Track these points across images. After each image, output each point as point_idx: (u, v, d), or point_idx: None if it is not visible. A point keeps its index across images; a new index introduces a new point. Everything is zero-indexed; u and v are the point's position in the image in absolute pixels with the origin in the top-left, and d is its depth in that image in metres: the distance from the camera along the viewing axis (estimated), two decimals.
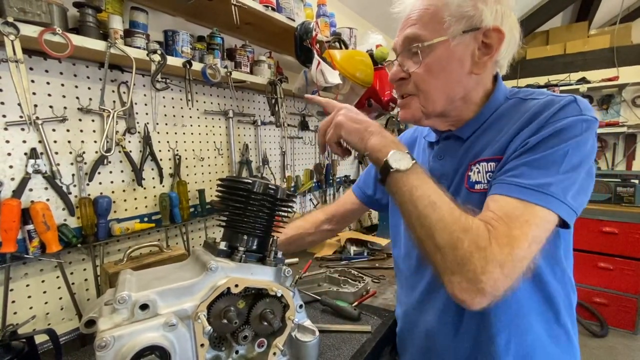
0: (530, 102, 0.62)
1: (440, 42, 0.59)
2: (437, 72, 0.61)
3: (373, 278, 1.24)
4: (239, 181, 0.65)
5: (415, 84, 0.63)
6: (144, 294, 0.52)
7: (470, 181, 0.63)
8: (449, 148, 0.69)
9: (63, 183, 0.91)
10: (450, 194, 0.64)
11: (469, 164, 0.64)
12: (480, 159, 0.62)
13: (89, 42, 0.82)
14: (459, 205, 0.53)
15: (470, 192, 0.62)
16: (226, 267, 0.60)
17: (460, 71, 0.61)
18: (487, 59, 0.61)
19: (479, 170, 0.62)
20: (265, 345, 0.64)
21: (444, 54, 0.60)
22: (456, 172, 0.66)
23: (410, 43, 0.62)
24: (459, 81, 0.62)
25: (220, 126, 1.37)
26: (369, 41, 2.01)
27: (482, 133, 0.65)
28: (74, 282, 0.94)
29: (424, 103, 0.64)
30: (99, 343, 0.45)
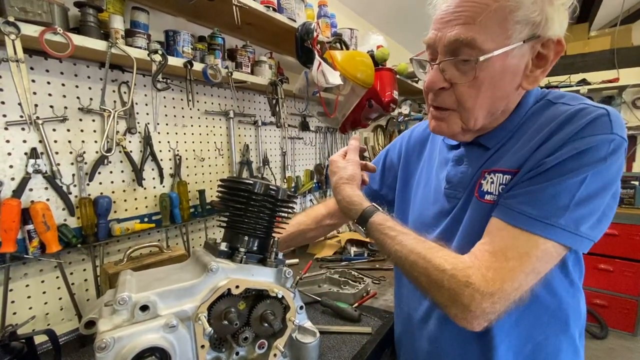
0: (560, 107, 0.55)
1: (500, 54, 0.49)
2: (487, 89, 0.52)
3: (373, 279, 1.23)
4: (240, 182, 0.65)
5: (458, 98, 0.54)
6: (144, 295, 0.52)
7: (481, 190, 0.58)
8: (471, 155, 0.63)
9: (63, 183, 0.91)
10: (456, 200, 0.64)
11: (483, 171, 0.59)
12: (496, 169, 0.57)
13: (89, 42, 0.82)
14: (431, 245, 0.55)
15: (479, 201, 0.58)
16: (227, 268, 0.60)
17: (510, 86, 0.54)
18: (539, 72, 0.53)
19: (492, 180, 0.57)
20: (266, 346, 0.63)
21: (499, 69, 0.51)
22: (471, 180, 0.62)
23: (461, 47, 0.51)
24: (506, 96, 0.55)
25: (221, 126, 1.37)
26: (369, 42, 2.01)
27: (508, 141, 0.59)
28: (73, 283, 0.94)
29: (465, 120, 0.56)
30: (98, 344, 0.45)
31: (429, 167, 0.74)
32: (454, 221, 0.63)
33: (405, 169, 0.81)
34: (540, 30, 0.50)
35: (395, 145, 0.87)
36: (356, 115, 1.78)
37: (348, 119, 1.73)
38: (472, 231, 0.59)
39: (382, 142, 2.64)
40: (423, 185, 0.74)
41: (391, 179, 0.86)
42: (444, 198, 0.67)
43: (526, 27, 0.49)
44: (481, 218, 0.57)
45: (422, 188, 0.74)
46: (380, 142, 2.63)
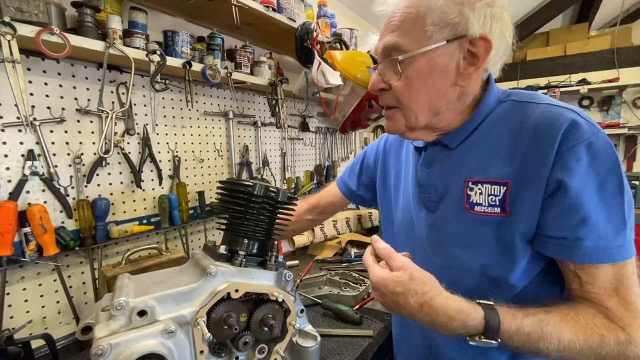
0: (528, 107, 0.56)
1: (421, 53, 0.54)
2: (418, 86, 0.56)
3: None
4: (240, 184, 0.64)
5: (396, 97, 0.59)
6: (142, 300, 0.51)
7: (471, 201, 0.58)
8: (438, 156, 0.65)
9: (61, 185, 0.90)
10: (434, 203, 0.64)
11: (466, 180, 0.59)
12: (482, 180, 0.57)
13: (87, 42, 0.81)
14: (574, 324, 0.50)
15: (470, 212, 0.59)
16: (226, 272, 0.59)
17: (444, 83, 0.56)
18: (472, 70, 0.56)
19: (480, 191, 0.57)
20: (266, 351, 0.62)
21: (425, 66, 0.55)
22: (446, 185, 0.62)
23: (390, 52, 0.57)
24: (443, 94, 0.57)
25: (220, 127, 1.36)
26: (369, 42, 2.00)
27: (474, 143, 0.60)
28: (71, 286, 0.93)
29: (407, 117, 0.59)
30: (95, 351, 0.44)
31: (406, 169, 0.74)
32: (439, 229, 0.63)
33: (383, 171, 0.82)
34: (461, 30, 0.53)
35: (373, 148, 0.89)
36: (356, 116, 1.77)
37: (348, 119, 1.72)
38: (461, 240, 0.60)
39: None
40: (402, 189, 0.75)
41: (368, 180, 0.89)
42: (421, 202, 0.67)
43: (445, 28, 0.53)
44: (473, 229, 0.58)
45: (402, 192, 0.75)
46: None
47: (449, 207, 0.62)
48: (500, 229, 0.55)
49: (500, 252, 0.56)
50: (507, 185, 0.54)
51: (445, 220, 0.62)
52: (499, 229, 0.55)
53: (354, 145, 2.32)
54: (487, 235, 0.56)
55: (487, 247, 0.57)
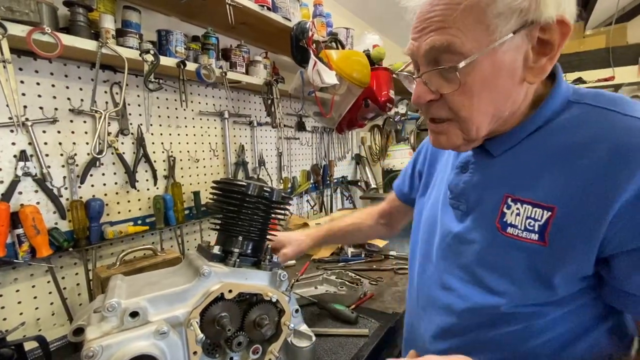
0: (607, 116, 0.45)
1: (483, 54, 0.43)
2: (481, 93, 0.46)
3: (371, 280, 1.22)
4: (234, 183, 0.64)
5: (451, 108, 0.48)
6: (134, 301, 0.50)
7: (504, 220, 0.49)
8: (478, 161, 0.55)
9: (54, 186, 0.89)
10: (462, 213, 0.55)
11: (506, 195, 0.50)
12: (524, 199, 0.48)
13: (79, 41, 0.80)
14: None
15: (500, 233, 0.50)
16: (220, 272, 0.58)
17: (510, 83, 0.46)
18: (545, 61, 0.45)
19: (518, 211, 0.48)
20: (260, 351, 0.62)
21: (489, 68, 0.44)
22: (481, 196, 0.53)
23: (439, 55, 0.45)
24: (508, 96, 0.47)
25: (216, 127, 1.35)
26: (365, 41, 2.01)
27: (525, 152, 0.50)
28: (65, 287, 0.92)
29: (465, 130, 0.49)
30: (85, 353, 0.44)
31: (444, 169, 0.66)
32: (462, 242, 0.55)
33: (428, 170, 0.75)
34: (532, 15, 0.42)
35: (422, 147, 0.82)
36: (352, 115, 1.77)
37: (344, 118, 1.72)
38: (487, 261, 0.52)
39: (379, 141, 2.63)
40: (435, 189, 0.68)
41: (418, 182, 0.80)
42: (448, 208, 0.60)
43: (512, 16, 0.42)
44: (502, 252, 0.49)
45: (434, 192, 0.68)
46: (377, 142, 2.63)
47: (478, 221, 0.53)
48: (534, 259, 0.46)
49: (532, 284, 0.47)
50: (553, 212, 0.44)
51: (472, 235, 0.53)
52: (533, 258, 0.46)
53: (351, 144, 2.33)
54: (519, 262, 0.47)
55: (516, 276, 0.48)
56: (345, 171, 2.30)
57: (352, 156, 2.37)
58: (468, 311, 0.53)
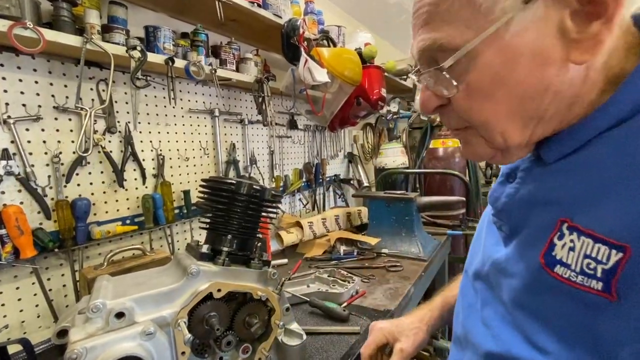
0: None
1: (481, 43, 0.33)
2: (492, 92, 0.35)
3: (362, 278, 1.23)
4: (222, 182, 0.63)
5: (462, 115, 0.39)
6: (120, 302, 0.49)
7: (552, 255, 0.36)
8: (527, 169, 0.42)
9: (38, 185, 0.87)
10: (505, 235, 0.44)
11: (561, 220, 0.36)
12: (585, 229, 0.33)
13: (63, 37, 0.78)
14: None
15: (545, 271, 0.36)
16: (208, 271, 0.58)
17: (541, 71, 0.33)
18: (599, 26, 0.31)
19: (572, 245, 0.34)
20: (250, 351, 0.62)
21: (497, 60, 0.34)
22: (526, 215, 0.40)
23: (433, 55, 0.37)
24: (543, 88, 0.34)
25: (206, 125, 1.34)
26: (357, 39, 2.00)
27: (590, 159, 0.35)
28: (51, 289, 0.90)
29: (488, 138, 0.39)
30: (69, 355, 0.43)
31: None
32: (501, 271, 0.43)
33: None
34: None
35: None
36: (345, 113, 1.77)
37: (337, 116, 1.71)
38: (526, 305, 0.39)
39: (372, 140, 2.64)
40: (485, 215, 0.56)
41: None
42: (492, 227, 0.48)
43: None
44: (547, 298, 0.36)
45: (483, 214, 0.57)
46: (369, 140, 2.63)
47: (520, 250, 0.40)
48: (595, 316, 0.32)
49: (587, 350, 0.33)
50: (626, 253, 0.30)
51: (512, 267, 0.41)
52: (592, 315, 0.33)
53: (343, 143, 2.33)
54: (570, 316, 0.34)
55: (565, 333, 0.35)
56: (338, 169, 2.30)
57: (344, 154, 2.37)
58: (500, 358, 0.41)
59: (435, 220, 1.93)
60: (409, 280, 1.19)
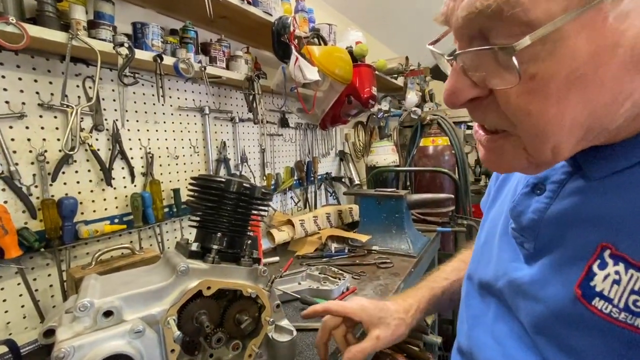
0: None
1: (573, 21, 0.24)
2: (564, 92, 0.27)
3: (353, 274, 1.24)
4: (212, 179, 0.63)
5: (508, 114, 0.30)
6: (108, 300, 0.49)
7: (590, 285, 0.31)
8: (563, 182, 0.36)
9: (23, 184, 0.86)
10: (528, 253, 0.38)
11: (602, 245, 0.31)
12: (633, 261, 0.29)
13: (47, 33, 0.77)
14: None
15: (581, 303, 0.31)
16: (198, 269, 0.58)
17: (636, 70, 0.26)
18: None
19: (618, 278, 0.30)
20: (240, 347, 0.62)
21: (585, 47, 0.25)
22: (562, 235, 0.35)
23: (489, 24, 0.27)
24: (625, 95, 0.27)
25: (196, 123, 1.33)
26: (349, 38, 2.01)
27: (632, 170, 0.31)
28: (37, 289, 0.89)
29: (532, 149, 0.31)
30: (56, 355, 0.42)
31: (517, 179, 0.46)
32: (521, 293, 0.38)
33: (504, 177, 0.54)
34: None
35: None
36: (336, 112, 1.77)
37: (328, 115, 1.72)
38: (554, 335, 0.34)
39: (363, 138, 2.65)
40: (499, 204, 0.50)
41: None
42: (509, 239, 0.42)
43: None
44: (582, 333, 0.32)
45: (497, 206, 0.50)
46: (361, 139, 2.64)
47: (550, 274, 0.35)
48: (637, 356, 0.29)
49: None
50: None
51: (538, 291, 0.35)
52: (635, 355, 0.29)
53: (335, 141, 2.33)
54: (608, 353, 0.30)
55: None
56: (329, 167, 2.31)
57: (336, 153, 2.38)
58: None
59: (425, 217, 1.96)
60: (399, 277, 1.21)
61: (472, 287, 0.50)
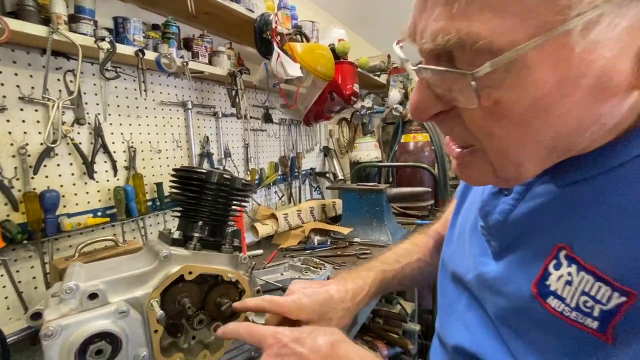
0: None
1: (537, 49, 0.23)
2: (525, 118, 0.27)
3: (334, 265, 1.29)
4: (192, 170, 0.66)
5: (474, 132, 0.30)
6: (92, 284, 0.52)
7: (546, 284, 0.33)
8: (530, 184, 0.37)
9: (4, 177, 0.86)
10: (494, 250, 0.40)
11: (558, 246, 0.32)
12: (586, 265, 0.30)
13: (28, 27, 0.78)
14: None
15: (537, 301, 0.33)
16: (180, 255, 0.61)
17: (599, 100, 0.26)
18: None
19: (570, 279, 0.31)
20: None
21: (549, 77, 0.25)
22: (523, 235, 0.37)
23: (451, 53, 0.27)
24: (591, 121, 0.27)
25: (179, 117, 1.34)
26: (331, 35, 2.04)
27: (606, 189, 0.31)
28: (20, 281, 0.90)
29: (499, 167, 0.31)
30: (44, 332, 0.45)
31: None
32: (486, 287, 0.40)
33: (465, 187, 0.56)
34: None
35: None
36: (319, 108, 1.81)
37: (311, 111, 1.76)
38: (515, 328, 0.36)
39: (347, 134, 2.70)
40: (469, 200, 0.51)
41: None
42: (478, 235, 0.44)
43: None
44: (538, 328, 0.33)
45: (468, 202, 0.52)
46: (344, 135, 2.69)
47: (512, 272, 0.37)
48: (585, 352, 0.30)
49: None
50: (630, 298, 0.27)
51: (502, 287, 0.38)
52: (583, 351, 0.30)
53: (319, 137, 2.37)
54: (559, 347, 0.32)
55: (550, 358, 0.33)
56: (314, 163, 2.35)
57: (320, 148, 2.42)
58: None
59: (406, 211, 2.03)
60: None
61: (445, 274, 0.52)
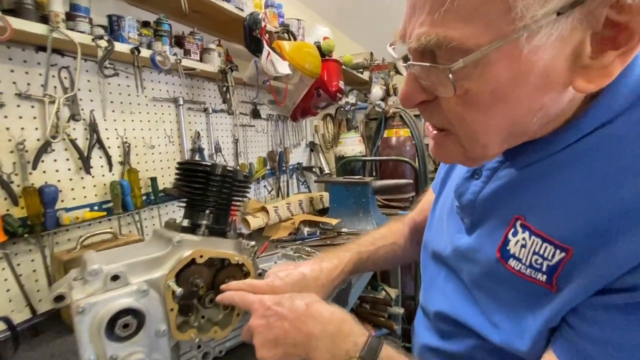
0: None
1: (496, 51, 0.30)
2: (489, 106, 0.34)
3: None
4: (198, 163, 0.72)
5: (448, 118, 0.38)
6: (115, 266, 0.57)
7: (507, 249, 0.41)
8: (494, 168, 0.46)
9: (3, 172, 0.87)
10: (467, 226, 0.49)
11: (515, 216, 0.41)
12: (535, 230, 0.38)
13: (29, 25, 0.79)
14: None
15: (501, 264, 0.42)
16: (191, 241, 0.66)
17: (541, 93, 0.33)
18: (613, 58, 0.30)
19: (524, 242, 0.39)
20: (230, 307, 0.72)
21: (506, 73, 0.31)
22: (488, 211, 0.45)
23: (433, 49, 0.33)
24: (538, 108, 0.34)
25: (170, 113, 1.37)
26: (316, 33, 2.10)
27: (555, 168, 0.39)
28: (21, 274, 0.92)
29: (467, 147, 0.39)
30: (76, 309, 0.50)
31: (460, 171, 0.55)
32: (461, 258, 0.49)
33: (447, 171, 0.63)
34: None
35: None
36: (306, 104, 1.87)
37: (298, 107, 1.81)
38: (485, 288, 0.45)
39: (332, 130, 2.77)
40: (448, 186, 0.59)
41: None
42: (455, 215, 0.52)
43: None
44: (504, 287, 0.42)
45: (447, 189, 0.60)
46: (329, 130, 2.76)
47: (481, 243, 0.45)
48: (542, 302, 0.38)
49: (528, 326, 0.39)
50: (568, 254, 0.35)
51: (473, 256, 0.46)
52: (540, 301, 0.38)
53: (305, 132, 2.43)
54: (519, 300, 0.40)
55: (514, 313, 0.41)
56: (300, 158, 2.41)
57: (306, 143, 2.48)
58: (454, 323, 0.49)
59: (389, 203, 2.13)
60: None
61: (427, 255, 0.61)
